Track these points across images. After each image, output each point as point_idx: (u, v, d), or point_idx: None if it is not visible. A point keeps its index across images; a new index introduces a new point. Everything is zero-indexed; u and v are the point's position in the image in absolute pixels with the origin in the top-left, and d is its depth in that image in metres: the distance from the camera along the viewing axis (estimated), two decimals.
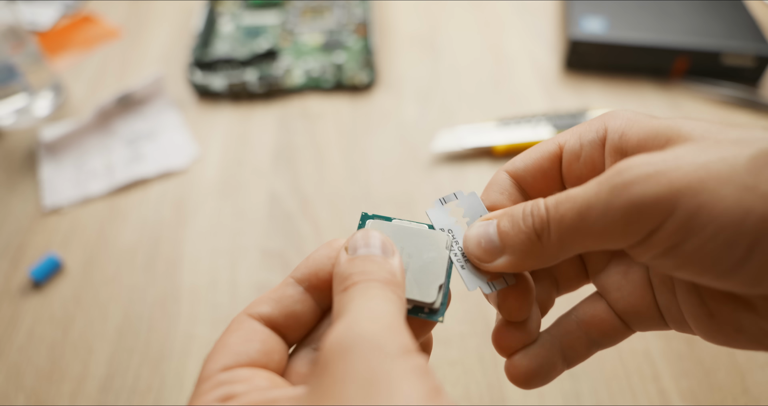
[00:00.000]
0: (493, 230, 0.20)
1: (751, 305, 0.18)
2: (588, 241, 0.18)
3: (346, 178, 0.52)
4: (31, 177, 0.53)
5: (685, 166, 0.16)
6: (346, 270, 0.18)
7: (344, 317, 0.16)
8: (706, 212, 0.16)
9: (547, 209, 0.18)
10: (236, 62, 0.61)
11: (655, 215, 0.16)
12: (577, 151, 0.21)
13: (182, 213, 0.50)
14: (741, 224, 0.15)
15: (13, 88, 0.56)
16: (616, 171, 0.17)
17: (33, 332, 0.43)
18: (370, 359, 0.15)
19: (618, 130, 0.19)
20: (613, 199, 0.16)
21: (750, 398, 0.37)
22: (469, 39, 0.66)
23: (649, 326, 0.21)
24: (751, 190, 0.15)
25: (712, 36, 0.58)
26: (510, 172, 0.22)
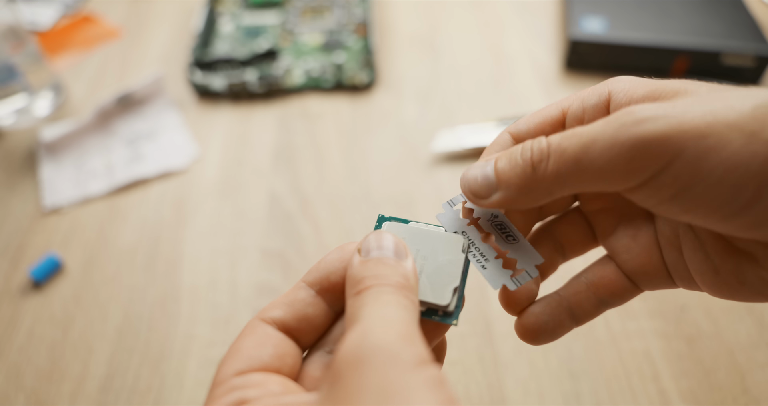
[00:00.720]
0: (490, 168, 0.20)
1: (753, 256, 0.18)
2: (586, 177, 0.18)
3: (346, 178, 0.52)
4: (31, 177, 0.53)
5: (694, 110, 0.16)
6: (359, 273, 0.18)
7: (358, 325, 0.16)
8: (714, 155, 0.16)
9: (549, 143, 0.18)
10: (236, 62, 0.61)
11: (663, 155, 0.16)
12: (580, 115, 0.21)
13: (182, 213, 0.50)
14: (748, 167, 0.16)
15: (13, 88, 0.56)
16: (625, 111, 0.17)
17: (33, 332, 0.43)
18: (384, 371, 0.14)
19: (623, 91, 0.20)
20: (619, 134, 0.16)
21: (750, 398, 0.37)
22: (469, 39, 0.66)
23: (657, 284, 0.22)
24: (756, 135, 0.16)
25: (712, 36, 0.58)
26: (512, 134, 0.22)
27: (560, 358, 0.40)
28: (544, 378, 0.39)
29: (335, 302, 0.20)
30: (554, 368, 0.39)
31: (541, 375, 0.39)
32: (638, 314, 0.42)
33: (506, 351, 0.40)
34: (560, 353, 0.40)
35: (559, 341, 0.40)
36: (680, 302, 0.42)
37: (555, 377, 0.39)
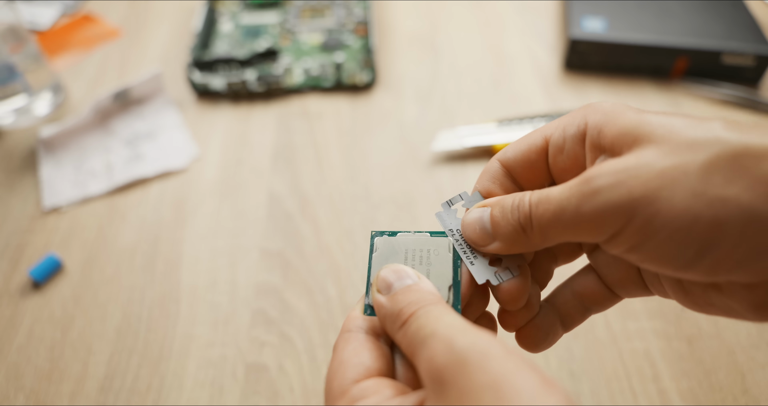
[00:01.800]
0: (486, 218, 0.22)
1: (717, 286, 0.20)
2: (564, 235, 0.20)
3: (346, 178, 0.52)
4: (31, 177, 0.53)
5: (644, 174, 0.18)
6: (393, 308, 0.20)
7: (434, 339, 0.18)
8: (660, 218, 0.18)
9: (530, 206, 0.21)
10: (236, 62, 0.61)
11: (617, 220, 0.18)
12: (561, 145, 0.23)
13: (182, 213, 0.50)
14: (690, 229, 0.17)
15: (12, 88, 0.56)
16: (585, 179, 0.19)
17: (32, 332, 0.43)
18: (485, 366, 0.16)
19: (596, 127, 0.21)
20: (581, 205, 0.19)
21: (750, 398, 0.37)
22: (469, 39, 0.66)
23: (635, 294, 0.24)
24: (699, 196, 0.17)
25: (712, 36, 0.58)
26: (501, 162, 0.24)
27: (560, 358, 0.40)
28: None
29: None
30: (554, 368, 0.39)
31: None
32: (638, 315, 0.42)
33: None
34: (560, 353, 0.40)
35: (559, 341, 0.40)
36: None
37: (555, 377, 0.39)
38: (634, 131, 0.20)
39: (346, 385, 0.20)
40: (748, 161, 0.17)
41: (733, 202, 0.17)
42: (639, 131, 0.19)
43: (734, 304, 0.20)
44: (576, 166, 0.22)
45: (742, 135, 0.18)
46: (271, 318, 0.43)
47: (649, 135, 0.19)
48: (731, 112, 0.57)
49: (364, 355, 0.20)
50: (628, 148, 0.20)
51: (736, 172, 0.17)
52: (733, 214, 0.17)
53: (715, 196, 0.17)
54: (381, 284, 0.21)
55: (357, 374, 0.20)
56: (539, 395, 0.16)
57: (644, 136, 0.19)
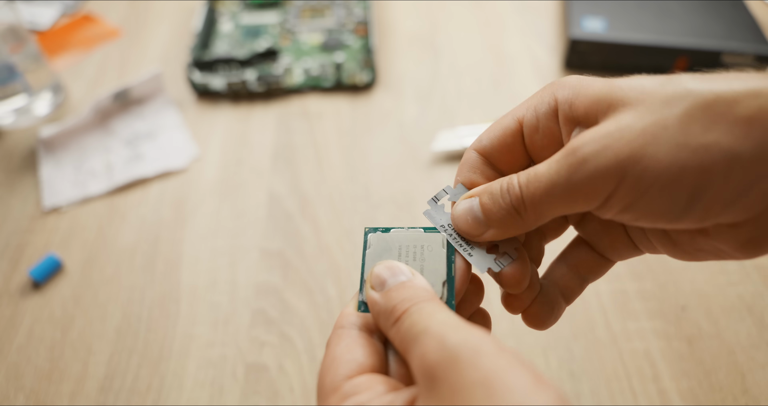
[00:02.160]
0: (477, 207, 0.22)
1: (704, 231, 0.21)
2: (558, 209, 0.21)
3: (346, 178, 0.52)
4: (31, 177, 0.53)
5: (627, 135, 0.19)
6: (386, 305, 0.20)
7: (426, 336, 0.18)
8: (649, 174, 0.18)
9: (521, 187, 0.21)
10: (236, 62, 0.60)
11: (608, 184, 0.19)
12: (535, 124, 0.23)
13: (182, 213, 0.50)
14: (679, 179, 0.18)
15: (12, 88, 0.56)
16: (570, 150, 0.20)
17: (32, 332, 0.43)
18: (477, 363, 0.17)
19: (567, 101, 0.22)
20: (571, 175, 0.19)
21: (750, 398, 0.37)
22: (469, 39, 0.66)
23: (626, 256, 0.25)
24: (682, 146, 0.18)
25: (712, 36, 0.58)
26: (478, 150, 0.24)
27: (560, 358, 0.40)
28: None
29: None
30: (554, 368, 0.39)
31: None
32: (638, 315, 0.42)
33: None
34: (560, 353, 0.40)
35: (559, 341, 0.40)
36: (681, 302, 0.42)
37: (555, 377, 0.39)
38: (607, 98, 0.20)
39: (338, 381, 0.20)
40: (721, 107, 0.18)
41: (715, 147, 0.18)
42: (611, 97, 0.20)
43: (722, 245, 0.20)
44: (553, 143, 0.23)
45: (710, 84, 0.18)
46: (271, 318, 0.43)
47: (623, 99, 0.20)
48: None
49: (356, 351, 0.21)
50: (603, 115, 0.20)
51: (712, 119, 0.18)
52: (717, 158, 0.18)
53: (697, 144, 0.18)
54: (375, 281, 0.21)
55: (349, 371, 0.20)
56: (531, 393, 0.16)
57: (618, 101, 0.20)
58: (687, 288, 0.43)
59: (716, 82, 0.19)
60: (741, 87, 0.18)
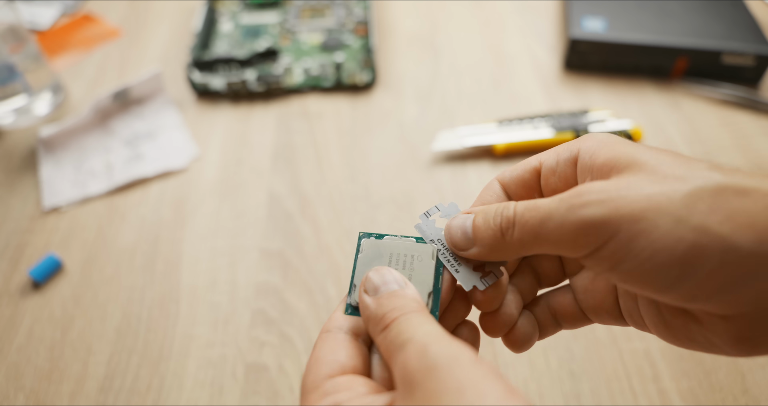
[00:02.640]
0: (469, 224, 0.23)
1: (697, 319, 0.20)
2: (544, 245, 0.21)
3: (346, 178, 0.52)
4: (31, 177, 0.53)
5: (632, 195, 0.19)
6: (377, 311, 0.21)
7: (410, 344, 0.19)
8: (643, 237, 0.18)
9: (515, 212, 0.21)
10: (236, 62, 0.60)
11: (600, 235, 0.19)
12: (554, 167, 0.24)
13: (181, 213, 0.50)
14: (673, 250, 0.18)
15: (12, 88, 0.56)
16: (576, 192, 0.20)
17: (32, 332, 0.43)
18: (454, 372, 0.17)
19: (589, 151, 0.22)
20: (568, 215, 0.20)
21: (750, 398, 0.37)
22: (469, 39, 0.66)
23: (608, 321, 0.25)
24: (683, 222, 0.18)
25: (712, 36, 0.58)
26: (500, 181, 0.26)
27: (560, 358, 0.40)
28: (545, 378, 0.39)
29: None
30: (554, 369, 0.39)
31: (541, 375, 0.39)
32: None
33: (506, 352, 0.40)
34: (560, 353, 0.40)
35: (559, 341, 0.40)
36: None
37: (555, 378, 0.39)
38: (626, 158, 0.20)
39: (319, 380, 0.20)
40: (731, 195, 0.18)
41: (714, 230, 0.18)
42: (630, 159, 0.20)
43: (714, 337, 0.20)
44: (566, 187, 0.23)
45: (724, 174, 0.19)
46: (271, 318, 0.43)
47: (641, 164, 0.20)
48: (731, 112, 0.57)
49: (340, 353, 0.21)
50: (617, 173, 0.20)
51: (718, 204, 0.18)
52: (714, 242, 0.18)
53: (697, 223, 0.18)
54: (368, 286, 0.22)
55: (331, 370, 0.21)
56: (502, 400, 0.16)
57: (635, 164, 0.20)
58: None
59: (731, 175, 0.19)
60: (756, 183, 0.18)
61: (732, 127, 0.55)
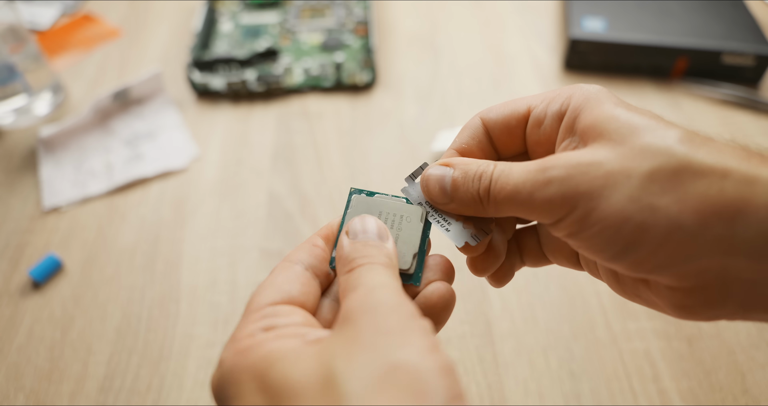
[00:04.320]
0: (448, 179, 0.24)
1: (645, 281, 0.22)
2: (516, 213, 0.22)
3: (346, 178, 0.52)
4: (31, 177, 0.53)
5: (592, 172, 0.20)
6: (349, 254, 0.21)
7: (360, 288, 0.19)
8: (595, 214, 0.20)
9: (491, 180, 0.22)
10: (236, 62, 0.60)
11: (560, 210, 0.21)
12: (541, 119, 0.24)
13: (181, 213, 0.50)
14: (619, 228, 0.19)
15: (12, 88, 0.56)
16: (542, 168, 0.21)
17: (32, 332, 0.43)
18: (387, 317, 0.18)
19: (576, 111, 0.22)
20: (534, 192, 0.21)
21: (750, 398, 0.37)
22: (469, 39, 0.66)
23: (566, 265, 0.27)
24: (634, 201, 0.19)
25: (712, 36, 0.58)
26: (483, 120, 0.25)
27: (560, 358, 0.40)
28: (545, 378, 0.39)
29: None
30: (554, 369, 0.39)
31: (541, 375, 0.39)
32: (638, 315, 0.42)
33: (506, 352, 0.40)
34: (560, 353, 0.40)
35: (559, 341, 0.40)
36: None
37: (555, 378, 0.39)
38: (602, 125, 0.21)
39: (263, 304, 0.21)
40: (685, 177, 0.19)
41: (662, 211, 0.19)
42: (605, 127, 0.21)
43: (658, 300, 0.22)
44: (549, 142, 0.24)
45: (690, 149, 0.19)
46: None
47: (611, 133, 0.21)
48: (731, 112, 0.57)
49: (293, 284, 0.22)
50: (592, 140, 0.21)
51: (672, 185, 0.19)
52: (659, 221, 0.19)
53: (647, 203, 0.19)
54: (350, 229, 0.22)
55: (278, 297, 0.21)
56: (422, 354, 0.17)
57: (607, 133, 0.21)
58: None
59: (700, 150, 0.19)
60: (716, 163, 0.19)
61: (732, 127, 0.55)
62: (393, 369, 0.17)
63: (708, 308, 0.20)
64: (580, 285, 0.43)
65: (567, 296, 0.43)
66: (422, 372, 0.16)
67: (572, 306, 0.42)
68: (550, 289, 0.43)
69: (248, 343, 0.19)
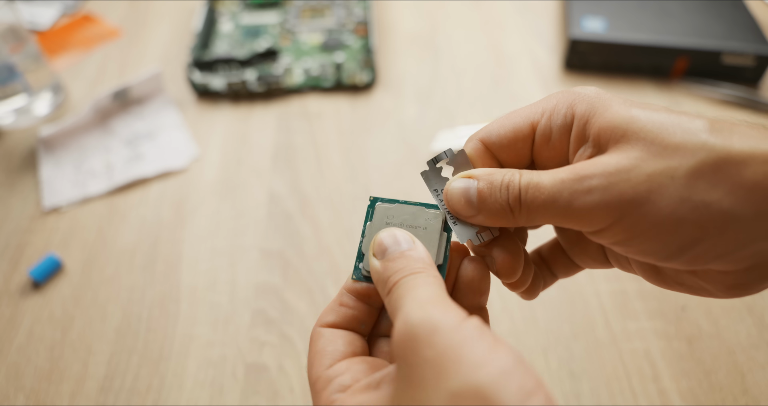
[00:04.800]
0: (473, 191, 0.23)
1: (692, 270, 0.22)
2: (550, 221, 0.22)
3: (346, 178, 0.52)
4: (31, 177, 0.53)
5: (634, 178, 0.19)
6: (383, 275, 0.21)
7: (400, 312, 0.19)
8: (647, 220, 0.19)
9: (521, 191, 0.21)
10: (236, 62, 0.60)
11: (605, 219, 0.20)
12: (548, 134, 0.23)
13: (181, 213, 0.50)
14: (675, 230, 0.19)
15: (13, 88, 0.56)
16: (578, 177, 0.20)
17: (32, 332, 0.43)
18: (432, 341, 0.17)
19: (583, 117, 0.22)
20: (572, 201, 0.20)
21: (750, 398, 0.37)
22: (469, 39, 0.66)
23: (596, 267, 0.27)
24: (685, 201, 0.19)
25: (712, 36, 0.58)
26: (484, 142, 0.25)
27: (560, 358, 0.40)
28: (545, 378, 0.39)
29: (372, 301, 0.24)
30: (554, 368, 0.39)
31: (541, 375, 0.39)
32: (638, 315, 0.42)
33: None
34: (560, 353, 0.40)
35: (559, 341, 0.40)
36: (681, 302, 0.42)
37: (555, 377, 0.39)
38: (623, 127, 0.20)
39: (321, 370, 0.21)
40: (730, 168, 0.19)
41: (715, 206, 0.19)
42: (628, 128, 0.20)
43: (708, 286, 0.22)
44: (560, 155, 0.23)
45: (725, 140, 0.19)
46: (271, 318, 0.43)
47: (638, 133, 0.20)
48: (731, 112, 0.57)
49: (337, 343, 0.22)
50: (615, 144, 0.20)
51: (719, 179, 0.19)
52: (715, 217, 0.19)
53: (699, 201, 0.19)
54: (377, 248, 0.22)
55: (331, 360, 0.21)
56: (481, 362, 0.16)
57: (633, 134, 0.20)
58: None
59: (731, 138, 0.19)
60: (753, 148, 0.19)
61: None
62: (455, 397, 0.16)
63: (761, 282, 0.21)
64: (580, 285, 0.43)
65: (567, 296, 0.43)
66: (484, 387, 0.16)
67: (572, 306, 0.42)
68: (550, 289, 0.43)
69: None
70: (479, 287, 0.24)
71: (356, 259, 0.24)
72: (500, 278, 0.24)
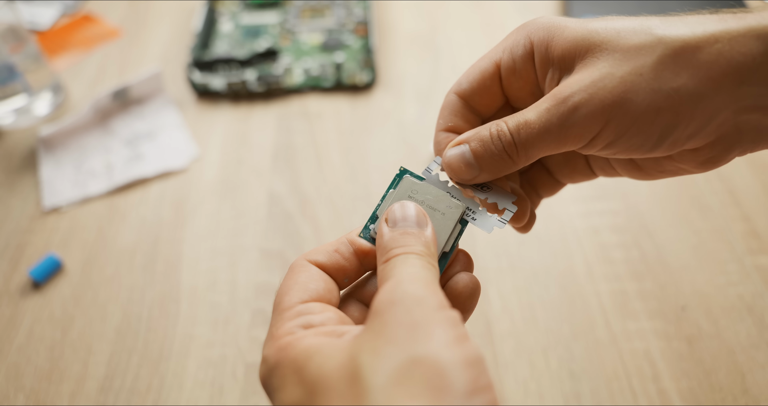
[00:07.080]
0: (468, 153, 0.24)
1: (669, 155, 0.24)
2: (547, 151, 0.23)
3: (346, 178, 0.52)
4: (31, 177, 0.53)
5: (609, 84, 0.21)
6: (388, 244, 0.22)
7: (391, 280, 0.20)
8: (629, 117, 0.21)
9: (512, 133, 0.23)
10: (236, 62, 0.60)
11: (595, 127, 0.22)
12: (512, 66, 0.25)
13: (181, 213, 0.50)
14: (654, 120, 0.21)
15: (13, 88, 0.56)
16: (560, 99, 0.22)
17: (32, 332, 0.43)
18: (413, 310, 0.18)
19: (543, 43, 0.23)
20: (564, 122, 0.22)
21: (750, 398, 0.37)
22: (470, 39, 0.66)
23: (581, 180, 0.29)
24: (657, 91, 0.21)
25: None
26: (458, 93, 0.26)
27: (560, 358, 0.40)
28: (545, 378, 0.39)
29: (367, 261, 0.24)
30: (554, 369, 0.39)
31: (541, 375, 0.39)
32: (638, 315, 0.42)
33: (506, 352, 0.40)
34: (560, 353, 0.40)
35: (559, 341, 0.40)
36: (681, 302, 0.42)
37: (555, 378, 0.39)
38: (584, 42, 0.22)
39: (294, 302, 0.21)
40: (686, 55, 0.21)
41: (683, 90, 0.21)
42: (589, 41, 0.22)
43: (684, 166, 0.24)
44: (529, 84, 0.25)
45: (677, 31, 0.21)
46: None
47: (600, 45, 0.22)
48: None
49: (318, 284, 0.22)
50: (581, 59, 0.22)
51: (681, 66, 0.21)
52: (684, 99, 0.21)
53: (669, 89, 0.21)
54: (391, 216, 0.23)
55: (305, 296, 0.22)
56: (446, 346, 0.17)
57: (595, 47, 0.22)
58: (687, 288, 0.43)
59: (682, 28, 0.21)
60: (702, 32, 0.21)
61: None
62: (414, 363, 0.17)
63: (728, 153, 0.23)
64: (580, 285, 0.43)
65: (567, 296, 0.43)
66: (443, 365, 0.17)
67: (572, 306, 0.42)
68: (550, 289, 0.43)
69: (288, 340, 0.20)
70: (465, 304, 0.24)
71: (369, 219, 0.24)
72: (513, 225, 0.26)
